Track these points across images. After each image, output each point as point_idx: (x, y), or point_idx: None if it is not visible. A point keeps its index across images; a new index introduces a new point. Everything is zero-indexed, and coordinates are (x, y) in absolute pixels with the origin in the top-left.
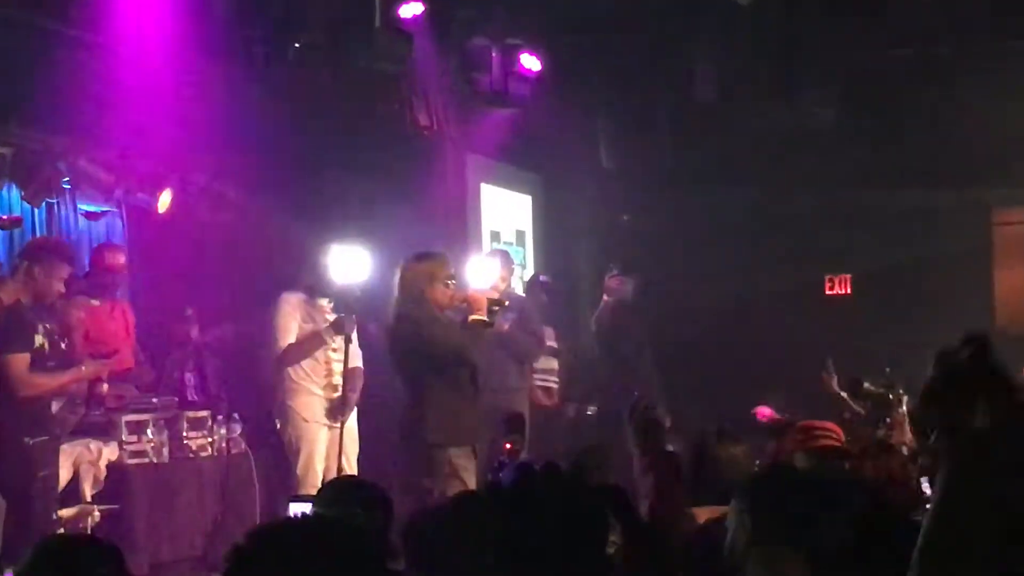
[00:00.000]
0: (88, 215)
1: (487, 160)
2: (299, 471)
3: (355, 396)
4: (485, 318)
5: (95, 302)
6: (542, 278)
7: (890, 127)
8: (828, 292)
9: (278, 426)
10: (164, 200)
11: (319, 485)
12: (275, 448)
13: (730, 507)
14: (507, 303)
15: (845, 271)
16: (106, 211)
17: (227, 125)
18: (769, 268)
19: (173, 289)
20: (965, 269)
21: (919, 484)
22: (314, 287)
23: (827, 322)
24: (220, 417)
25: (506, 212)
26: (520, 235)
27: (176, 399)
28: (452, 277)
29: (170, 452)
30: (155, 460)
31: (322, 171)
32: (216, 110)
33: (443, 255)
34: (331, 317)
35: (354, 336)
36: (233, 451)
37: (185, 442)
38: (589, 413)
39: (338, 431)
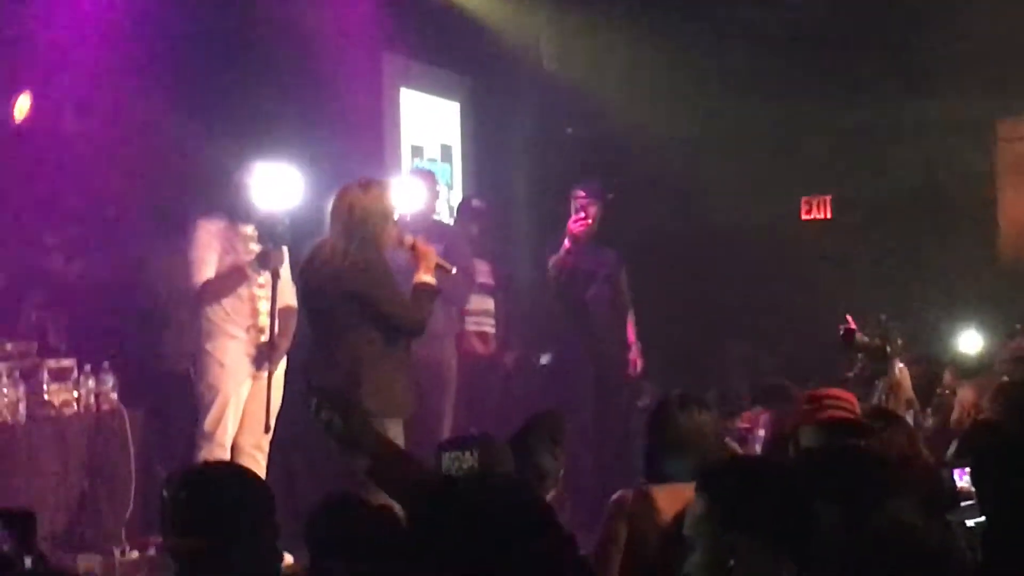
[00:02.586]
0: None
1: (407, 60)
2: (207, 427)
3: (286, 342)
4: (434, 282)
5: None
6: (475, 203)
7: (879, 30)
8: (805, 216)
9: (192, 374)
10: (21, 106)
11: (227, 446)
12: (156, 404)
13: (691, 503)
14: (453, 270)
15: (825, 192)
16: None
17: (99, 17)
18: (738, 189)
19: (33, 213)
20: (964, 191)
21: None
22: (236, 212)
23: (804, 254)
24: (88, 367)
25: (430, 123)
26: (446, 150)
27: (36, 345)
28: (391, 217)
29: (27, 410)
30: (9, 419)
31: (215, 71)
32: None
33: (390, 184)
34: (256, 248)
35: (284, 271)
36: (104, 407)
37: (46, 397)
38: (543, 363)
39: (264, 382)
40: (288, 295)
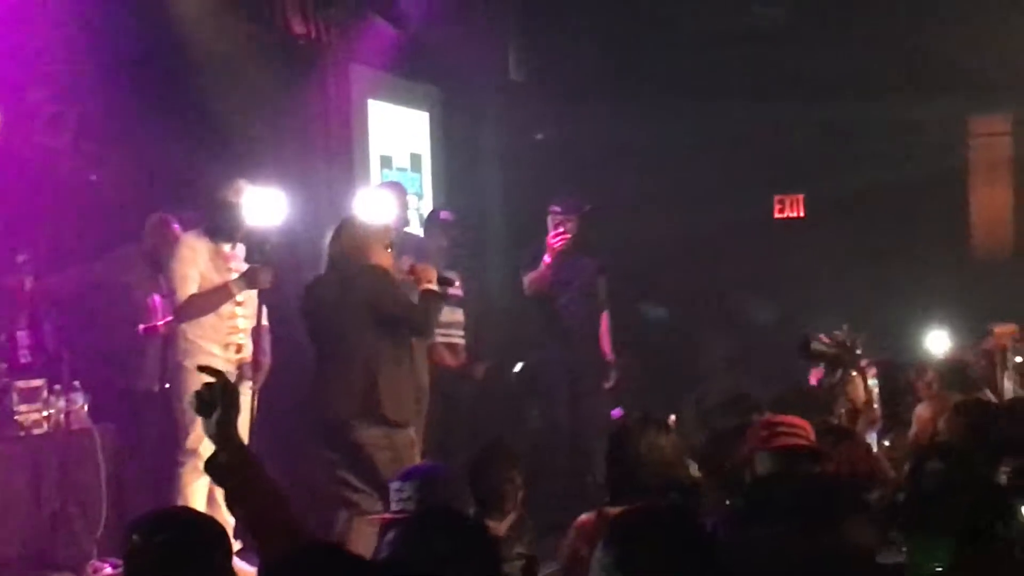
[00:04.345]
0: None
1: (375, 72)
2: (189, 444)
3: (267, 359)
4: (438, 289)
5: None
6: (443, 215)
7: (847, 27)
8: (778, 215)
9: (169, 392)
10: None
11: None
12: (128, 422)
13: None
14: (456, 282)
15: (797, 191)
16: None
17: (72, 33)
18: (710, 191)
19: (3, 230)
20: (937, 188)
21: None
22: (220, 230)
23: (777, 252)
24: (58, 386)
25: (399, 133)
26: (416, 159)
27: (5, 365)
28: (391, 245)
29: None
30: None
31: (184, 86)
32: (57, 13)
33: (382, 214)
34: (239, 266)
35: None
36: (74, 427)
37: (15, 418)
38: (516, 370)
39: (248, 399)
40: (264, 315)
